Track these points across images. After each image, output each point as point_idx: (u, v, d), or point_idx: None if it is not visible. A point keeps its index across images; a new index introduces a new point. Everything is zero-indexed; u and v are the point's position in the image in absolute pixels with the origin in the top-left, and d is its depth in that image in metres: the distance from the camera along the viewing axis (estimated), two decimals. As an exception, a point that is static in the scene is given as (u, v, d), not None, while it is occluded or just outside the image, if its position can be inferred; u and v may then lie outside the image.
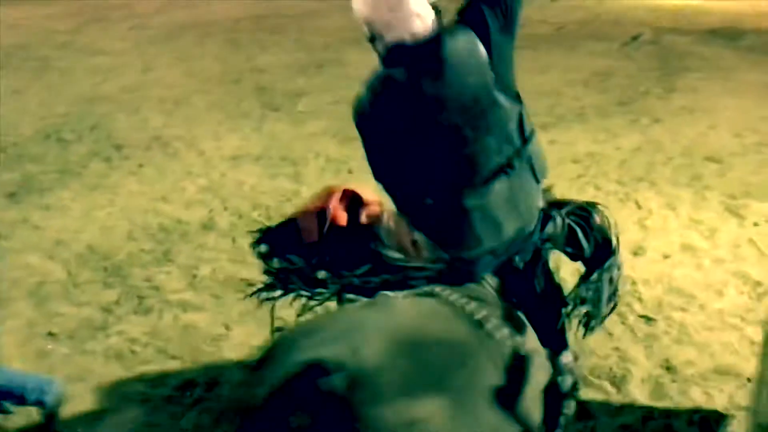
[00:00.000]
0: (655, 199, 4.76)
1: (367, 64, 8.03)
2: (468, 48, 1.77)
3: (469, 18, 1.79)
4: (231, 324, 3.44)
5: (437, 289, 1.74)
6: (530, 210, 1.89)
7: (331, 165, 5.56)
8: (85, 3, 16.53)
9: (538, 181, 1.98)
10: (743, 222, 4.35)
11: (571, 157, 5.67)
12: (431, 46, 1.78)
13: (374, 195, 2.08)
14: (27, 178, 5.30)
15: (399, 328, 1.57)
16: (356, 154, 5.75)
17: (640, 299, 3.52)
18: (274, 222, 4.42)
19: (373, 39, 1.92)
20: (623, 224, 4.37)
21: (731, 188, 4.95)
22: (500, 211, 1.82)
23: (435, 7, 1.80)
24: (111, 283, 3.81)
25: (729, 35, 12.14)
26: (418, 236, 1.86)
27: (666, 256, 3.95)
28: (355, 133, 2.26)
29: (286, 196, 4.93)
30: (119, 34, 11.80)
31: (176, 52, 10.20)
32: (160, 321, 3.46)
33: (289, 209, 4.66)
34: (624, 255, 3.95)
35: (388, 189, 2.01)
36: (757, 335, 3.18)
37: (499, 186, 1.84)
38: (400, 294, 1.73)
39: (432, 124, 1.79)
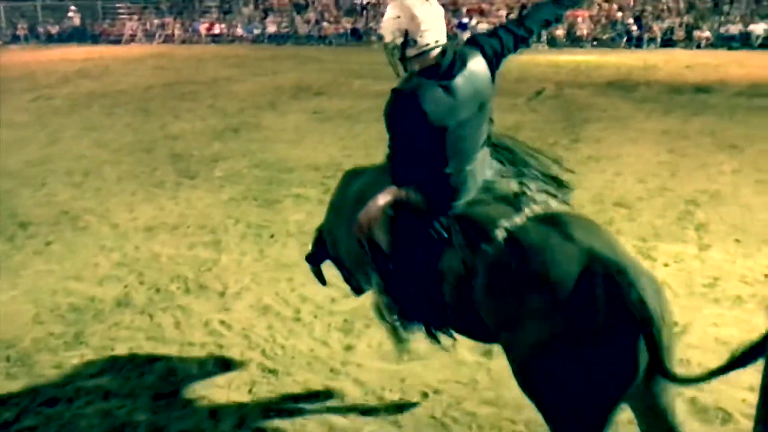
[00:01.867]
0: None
1: (283, 126, 8.15)
2: (480, 67, 2.45)
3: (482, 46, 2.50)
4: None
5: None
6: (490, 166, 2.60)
7: (251, 230, 5.44)
8: (-16, 75, 15.90)
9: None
10: (655, 264, 4.55)
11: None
12: (457, 65, 2.38)
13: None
14: None
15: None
16: (277, 217, 5.71)
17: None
18: (193, 297, 4.28)
19: (405, 58, 2.41)
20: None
21: (641, 232, 5.19)
22: (478, 169, 2.51)
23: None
24: (15, 373, 3.51)
25: (623, 87, 13.04)
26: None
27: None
28: (276, 195, 2.51)
29: (206, 266, 4.76)
30: (22, 107, 11.36)
31: (84, 123, 9.90)
32: (67, 413, 3.20)
33: (209, 280, 4.52)
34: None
35: (412, 166, 2.44)
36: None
37: (481, 153, 2.52)
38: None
39: (454, 115, 2.36)
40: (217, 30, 27.28)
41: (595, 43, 23.45)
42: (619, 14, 24.38)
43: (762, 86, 12.90)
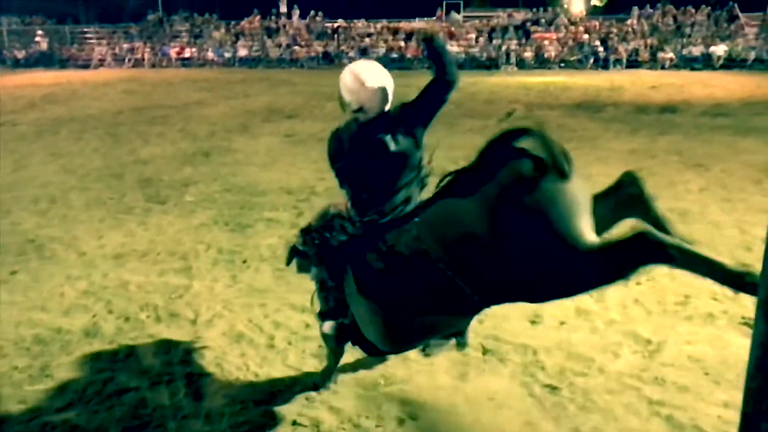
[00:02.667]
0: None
1: (255, 150, 8.10)
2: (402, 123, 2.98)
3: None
4: (120, 442, 3.13)
5: None
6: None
7: (223, 256, 5.37)
8: (-53, 101, 15.59)
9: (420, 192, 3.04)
10: (627, 282, 4.57)
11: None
12: (387, 120, 2.98)
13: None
14: None
15: None
16: (249, 242, 5.64)
17: (542, 368, 3.56)
18: (164, 326, 4.18)
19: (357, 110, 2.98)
20: (519, 294, 4.50)
21: (612, 250, 5.23)
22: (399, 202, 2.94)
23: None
24: (-23, 409, 3.38)
25: (591, 108, 13.28)
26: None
27: (562, 322, 4.06)
28: (248, 220, 2.89)
29: (176, 293, 4.67)
30: (-14, 133, 11.14)
31: (50, 149, 9.74)
32: (37, 448, 3.09)
33: (180, 308, 4.43)
34: (522, 324, 4.09)
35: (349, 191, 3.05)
36: (655, 393, 3.29)
37: (404, 192, 2.94)
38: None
39: (381, 158, 2.90)
40: (187, 54, 27.20)
41: (562, 64, 23.90)
42: (586, 36, 24.91)
43: (724, 106, 13.24)
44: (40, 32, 29.01)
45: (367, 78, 3.00)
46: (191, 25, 29.83)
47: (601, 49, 24.03)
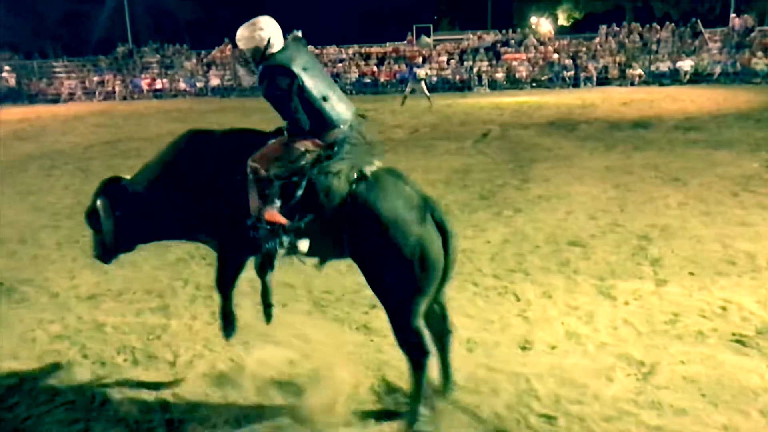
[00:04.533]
0: (531, 290, 4.87)
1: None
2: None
3: None
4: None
5: None
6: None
7: (201, 293, 5.21)
8: None
9: None
10: (615, 302, 4.53)
11: (446, 255, 5.73)
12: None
13: None
14: None
15: None
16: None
17: (537, 397, 3.46)
18: (142, 369, 4.02)
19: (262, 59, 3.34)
20: (506, 319, 4.42)
21: (598, 270, 5.20)
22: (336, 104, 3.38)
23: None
24: (-56, 469, 3.18)
25: (565, 126, 13.40)
26: None
27: (553, 347, 3.98)
28: None
29: (154, 334, 4.50)
30: (-48, 172, 10.86)
31: (19, 186, 9.50)
32: None
33: (159, 349, 4.26)
34: (513, 351, 3.99)
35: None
36: (652, 419, 3.21)
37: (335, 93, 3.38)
38: None
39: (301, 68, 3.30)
40: (159, 85, 27.07)
41: (534, 84, 24.22)
42: (555, 56, 25.30)
43: (695, 119, 13.46)
44: (7, 68, 28.68)
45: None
46: (162, 56, 29.74)
47: (571, 67, 24.39)
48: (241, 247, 3.60)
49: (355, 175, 3.25)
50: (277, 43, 3.36)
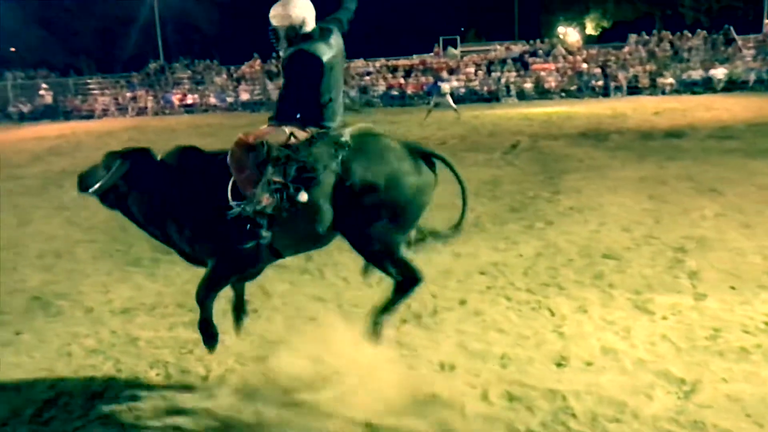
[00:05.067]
0: (566, 304, 4.78)
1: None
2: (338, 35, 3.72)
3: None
4: None
5: None
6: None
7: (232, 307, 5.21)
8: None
9: None
10: (653, 317, 4.42)
11: (477, 268, 5.68)
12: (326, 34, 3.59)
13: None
14: None
15: None
16: (258, 290, 5.50)
17: (573, 415, 3.38)
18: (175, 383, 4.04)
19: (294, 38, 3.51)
20: (541, 334, 4.34)
21: (633, 284, 5.08)
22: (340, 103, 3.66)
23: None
24: (-18, 483, 3.22)
25: (596, 137, 13.24)
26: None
27: (589, 363, 3.89)
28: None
29: (187, 348, 4.52)
30: (-9, 188, 11.13)
31: (55, 202, 9.68)
32: None
33: (191, 363, 4.27)
34: (547, 367, 3.91)
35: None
36: (696, 439, 3.11)
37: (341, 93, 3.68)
38: None
39: (331, 57, 3.54)
40: (190, 100, 27.48)
41: (563, 94, 24.02)
42: (584, 66, 25.08)
43: (730, 128, 13.19)
44: (44, 85, 29.41)
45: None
46: (192, 72, 30.22)
47: (600, 77, 24.15)
48: (235, 263, 3.73)
49: (337, 147, 3.43)
50: (311, 23, 3.51)
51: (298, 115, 3.47)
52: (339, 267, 6.01)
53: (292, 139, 3.42)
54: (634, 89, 23.39)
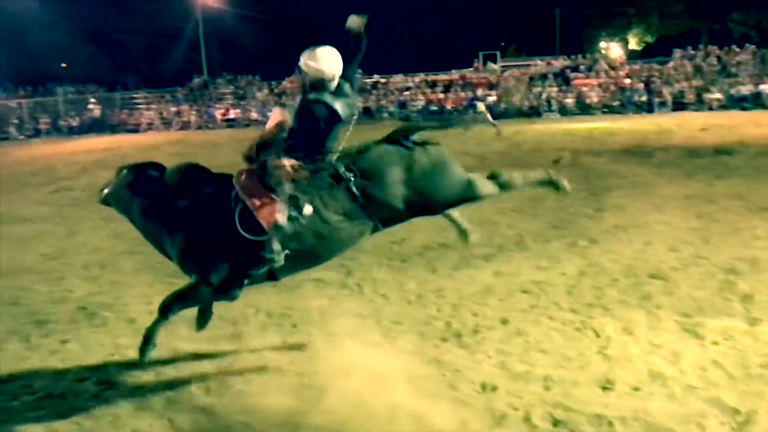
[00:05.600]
0: (611, 325, 4.65)
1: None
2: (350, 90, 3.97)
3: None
4: None
5: None
6: None
7: (272, 320, 5.24)
8: (5, 170, 16.21)
9: None
10: (703, 342, 4.26)
11: (519, 287, 5.59)
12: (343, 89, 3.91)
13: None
14: (-69, 371, 4.70)
15: None
16: (298, 304, 5.50)
17: (620, 442, 3.27)
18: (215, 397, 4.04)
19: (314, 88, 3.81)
20: (585, 356, 4.22)
21: (682, 306, 4.92)
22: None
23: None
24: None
25: (640, 153, 12.97)
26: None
27: (636, 388, 3.76)
28: (296, 280, 4.51)
29: (227, 361, 4.53)
30: (41, 199, 11.46)
31: (101, 213, 9.84)
32: None
33: (231, 377, 4.28)
34: (593, 390, 3.80)
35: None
36: (752, 472, 2.96)
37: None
38: None
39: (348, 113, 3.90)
40: (232, 115, 27.94)
41: (605, 110, 23.65)
42: (627, 81, 24.69)
43: (783, 145, 12.76)
44: (92, 100, 30.28)
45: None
46: (235, 87, 30.75)
47: (643, 92, 23.74)
48: (225, 285, 3.94)
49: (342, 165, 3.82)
50: (338, 77, 3.81)
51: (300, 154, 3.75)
52: (378, 283, 5.98)
53: (294, 169, 3.70)
54: (679, 105, 22.90)
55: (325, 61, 3.76)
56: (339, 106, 3.78)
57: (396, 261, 6.62)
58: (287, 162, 3.69)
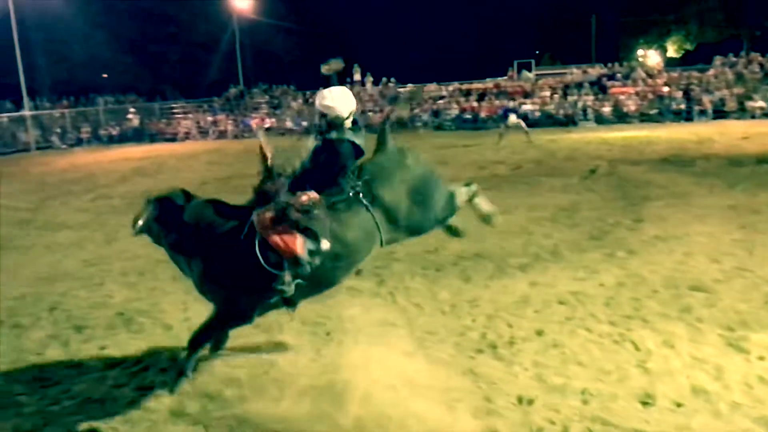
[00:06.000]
0: (650, 338, 4.54)
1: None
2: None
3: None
4: None
5: None
6: None
7: (306, 328, 5.24)
8: (48, 178, 16.64)
9: None
10: (748, 357, 4.13)
11: (555, 298, 5.50)
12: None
13: None
14: (-26, 374, 4.82)
15: None
16: (331, 312, 5.50)
17: (662, 460, 3.18)
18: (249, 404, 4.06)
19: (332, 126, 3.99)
20: (624, 369, 4.13)
21: (725, 319, 4.78)
22: None
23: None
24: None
25: (679, 162, 12.69)
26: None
27: (678, 404, 3.66)
28: (331, 290, 4.37)
29: (262, 368, 4.54)
30: (81, 207, 11.72)
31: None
32: None
33: (266, 383, 4.29)
34: (632, 405, 3.70)
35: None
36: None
37: None
38: None
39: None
40: (267, 124, 28.22)
41: (643, 118, 23.24)
42: (666, 89, 24.24)
43: (828, 154, 12.37)
44: (132, 110, 30.92)
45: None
46: (270, 97, 31.09)
47: (682, 100, 23.28)
48: (245, 311, 4.13)
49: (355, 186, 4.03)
50: (353, 114, 4.01)
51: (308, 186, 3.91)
52: (411, 292, 5.95)
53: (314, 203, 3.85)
54: (720, 113, 22.37)
55: (340, 100, 3.94)
56: (358, 140, 3.99)
57: (430, 270, 6.58)
58: (306, 197, 3.84)
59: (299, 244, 3.80)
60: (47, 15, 31.81)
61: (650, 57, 34.07)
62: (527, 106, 24.68)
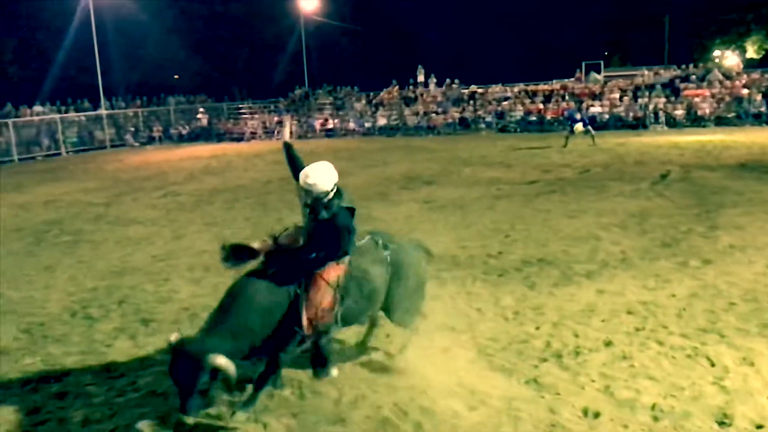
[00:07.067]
0: (728, 354, 4.29)
1: (394, 217, 7.86)
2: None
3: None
4: None
5: None
6: None
7: (364, 330, 5.19)
8: (121, 174, 17.29)
9: None
10: (835, 378, 3.84)
11: (625, 308, 5.28)
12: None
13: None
14: (48, 363, 5.01)
15: None
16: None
17: (741, 484, 2.98)
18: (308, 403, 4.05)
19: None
20: (699, 386, 3.91)
21: (812, 337, 4.47)
22: None
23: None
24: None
25: (759, 168, 12.06)
26: None
27: (759, 426, 3.43)
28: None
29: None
30: (151, 203, 12.10)
31: (206, 218, 10.33)
32: None
33: (324, 386, 4.27)
34: (708, 425, 3.50)
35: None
36: None
37: None
38: None
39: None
40: (330, 125, 28.50)
41: (718, 121, 22.26)
42: (745, 91, 23.15)
43: None
44: (201, 109, 31.80)
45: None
46: (334, 98, 31.37)
47: (762, 103, 22.17)
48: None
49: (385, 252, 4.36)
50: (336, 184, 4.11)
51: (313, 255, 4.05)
52: (472, 297, 5.84)
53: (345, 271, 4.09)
54: (803, 117, 21.21)
55: (322, 176, 4.04)
56: (345, 202, 4.17)
57: (492, 275, 6.45)
58: (336, 271, 4.04)
59: (331, 313, 4.00)
60: (124, 19, 33.17)
61: (728, 58, 32.61)
62: (595, 108, 24.04)
